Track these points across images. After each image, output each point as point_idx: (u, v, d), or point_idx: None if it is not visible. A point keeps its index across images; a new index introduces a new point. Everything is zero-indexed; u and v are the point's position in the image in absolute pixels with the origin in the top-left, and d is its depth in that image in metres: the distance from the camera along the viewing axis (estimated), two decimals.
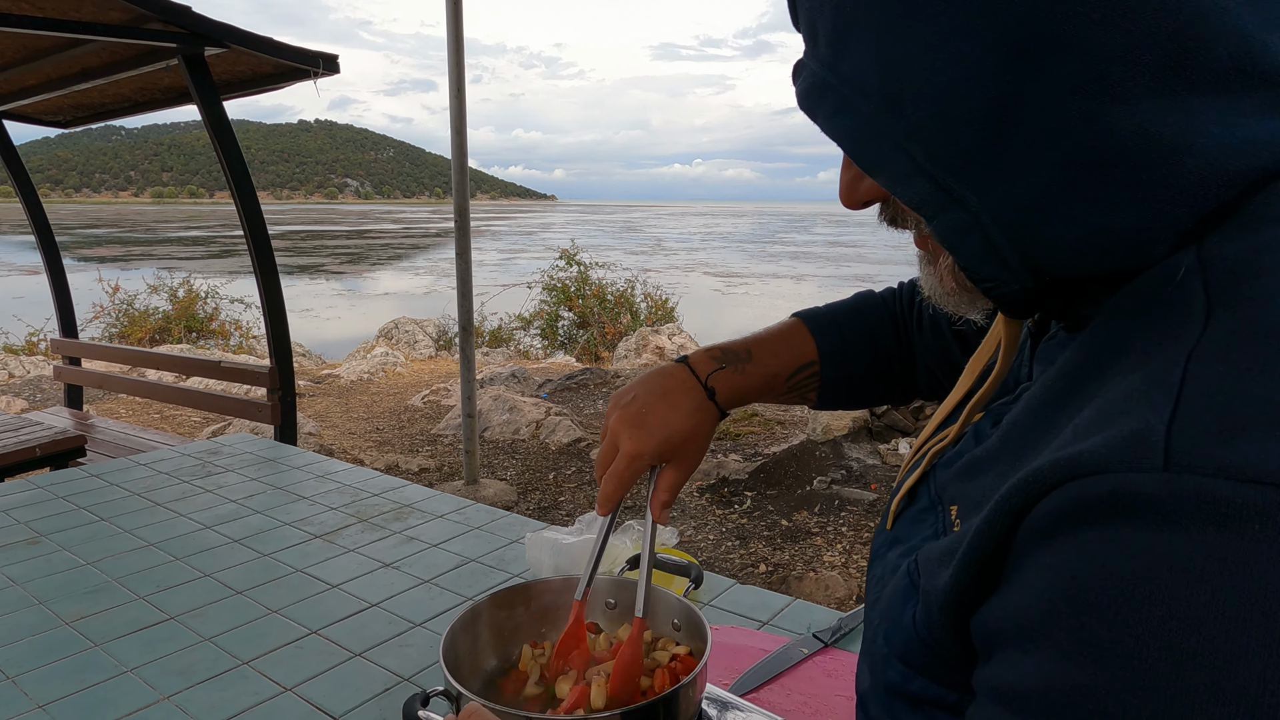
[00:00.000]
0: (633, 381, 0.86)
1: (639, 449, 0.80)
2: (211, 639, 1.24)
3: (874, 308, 0.91)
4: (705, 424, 0.82)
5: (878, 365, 0.89)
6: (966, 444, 0.55)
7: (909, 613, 0.48)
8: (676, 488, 0.82)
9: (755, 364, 0.85)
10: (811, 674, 1.15)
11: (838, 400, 0.90)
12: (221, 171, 3.51)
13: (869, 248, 47.28)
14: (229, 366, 3.71)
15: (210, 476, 2.00)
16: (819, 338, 0.87)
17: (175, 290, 11.28)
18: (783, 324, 0.90)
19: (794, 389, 0.87)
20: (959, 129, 0.41)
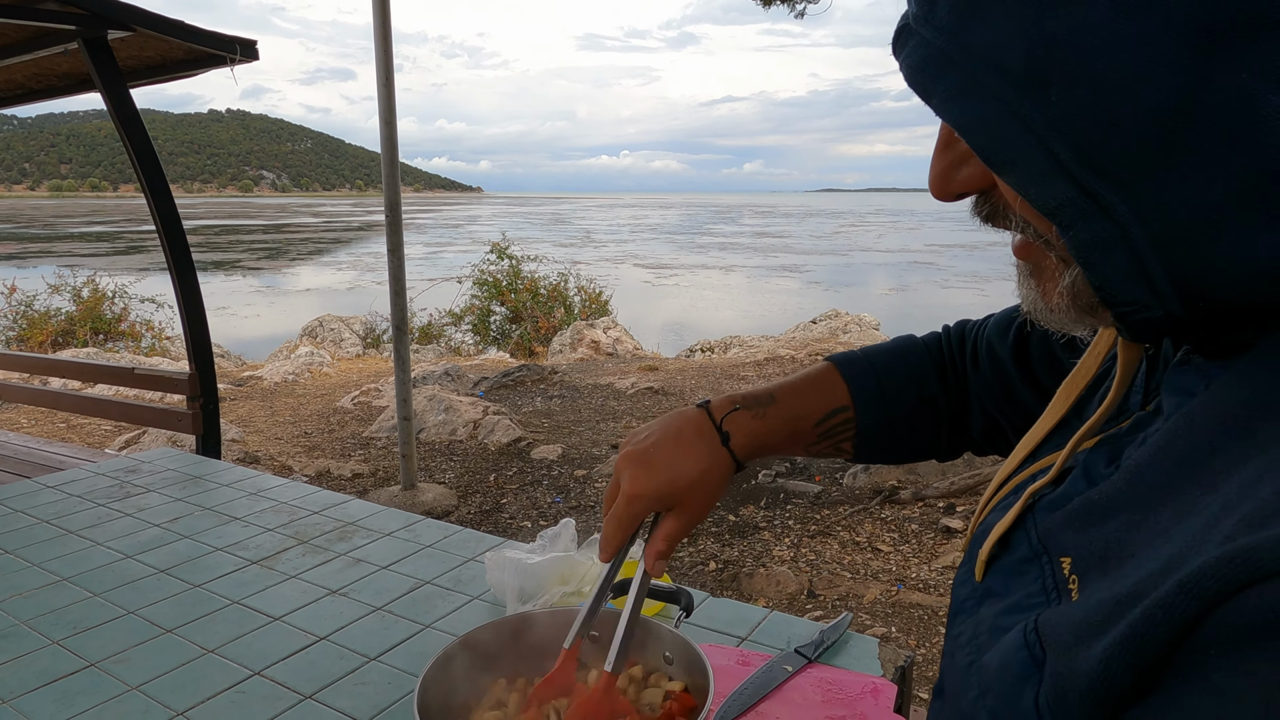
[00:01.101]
0: (652, 422, 0.80)
1: (639, 490, 0.74)
2: (139, 687, 1.12)
3: (916, 351, 0.84)
4: (715, 471, 0.75)
5: (921, 412, 0.82)
6: (1075, 484, 0.49)
7: (1029, 693, 0.42)
8: (675, 538, 0.76)
9: (779, 408, 0.78)
10: (799, 694, 1.10)
11: (877, 450, 0.83)
12: (129, 163, 3.27)
13: (795, 238, 48.10)
14: (144, 373, 3.47)
15: (129, 498, 1.84)
16: (851, 381, 0.81)
17: (79, 290, 10.63)
18: (812, 369, 0.84)
19: (825, 436, 0.80)
20: (1121, 124, 0.34)
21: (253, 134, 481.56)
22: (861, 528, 3.78)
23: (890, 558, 3.48)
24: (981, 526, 0.58)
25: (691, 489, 0.74)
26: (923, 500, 4.00)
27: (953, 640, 0.54)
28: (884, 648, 1.23)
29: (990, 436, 0.83)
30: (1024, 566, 0.49)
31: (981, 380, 0.81)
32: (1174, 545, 0.36)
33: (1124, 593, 0.36)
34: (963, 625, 0.53)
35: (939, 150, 0.45)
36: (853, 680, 1.13)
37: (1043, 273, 0.46)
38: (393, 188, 4.02)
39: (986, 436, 0.83)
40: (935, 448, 0.86)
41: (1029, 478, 0.55)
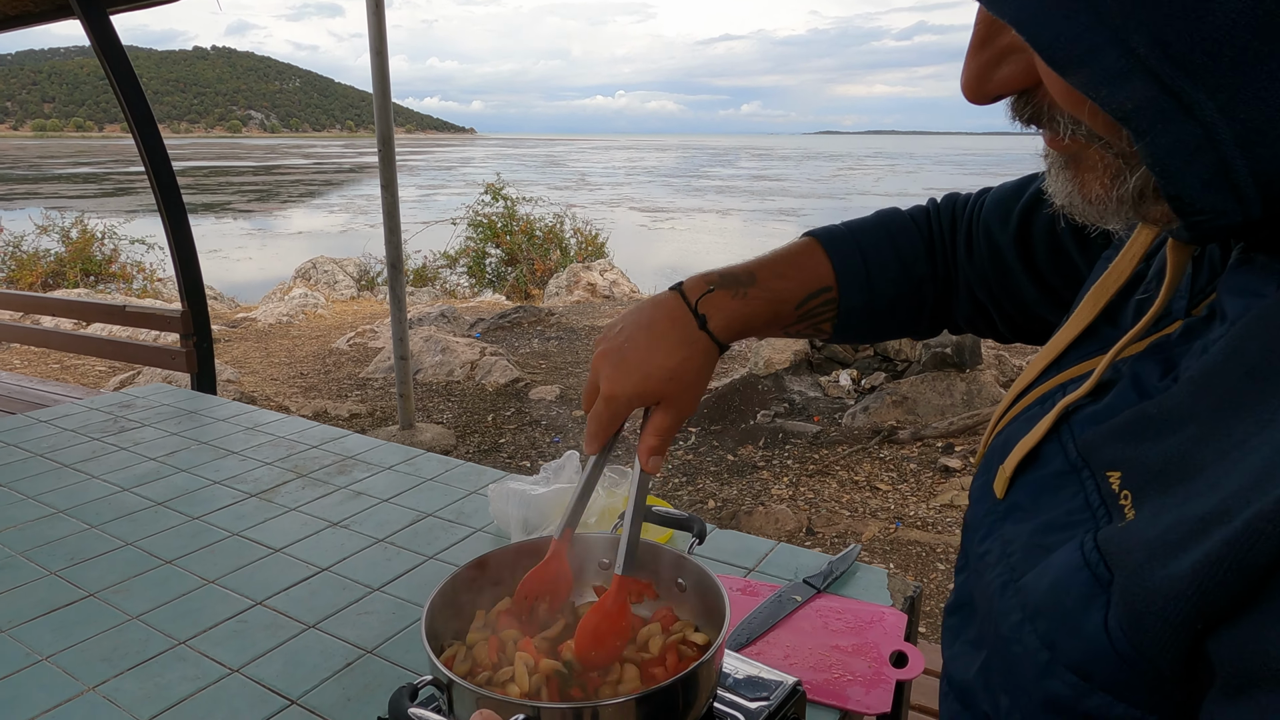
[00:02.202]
0: (624, 312, 0.75)
1: (615, 390, 0.70)
2: (139, 617, 1.10)
3: (904, 230, 0.79)
4: (695, 359, 0.71)
5: (906, 292, 0.77)
6: (1122, 396, 0.45)
7: (1094, 616, 0.39)
8: (667, 432, 0.72)
9: (759, 288, 0.73)
10: (807, 623, 1.09)
11: (856, 331, 0.79)
12: (114, 103, 3.16)
13: (792, 181, 47.55)
14: (135, 311, 3.41)
15: (124, 432, 1.81)
16: (836, 259, 0.76)
17: (67, 231, 10.46)
18: (793, 244, 0.78)
19: (805, 318, 0.76)
20: (1212, 9, 0.30)
21: (239, 72, 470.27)
22: (860, 467, 3.79)
23: (889, 496, 3.50)
24: (999, 439, 0.55)
25: (672, 381, 0.70)
26: (921, 440, 4.00)
27: (978, 559, 0.51)
28: (892, 578, 1.22)
29: (973, 322, 0.79)
30: (1059, 481, 0.46)
31: (974, 267, 0.76)
32: (1260, 457, 0.33)
33: (1209, 509, 0.33)
34: (988, 543, 0.50)
35: (974, 47, 0.41)
36: (862, 610, 1.12)
37: (1082, 164, 0.42)
38: (385, 121, 3.91)
39: (969, 321, 0.80)
40: (915, 329, 0.82)
41: (1056, 389, 0.52)
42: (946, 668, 0.54)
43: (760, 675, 0.86)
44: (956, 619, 0.54)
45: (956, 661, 0.52)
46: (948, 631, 0.55)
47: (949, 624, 0.55)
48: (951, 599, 0.56)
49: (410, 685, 0.64)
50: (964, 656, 0.51)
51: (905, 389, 4.33)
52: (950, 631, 0.55)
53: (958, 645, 0.53)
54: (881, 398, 4.33)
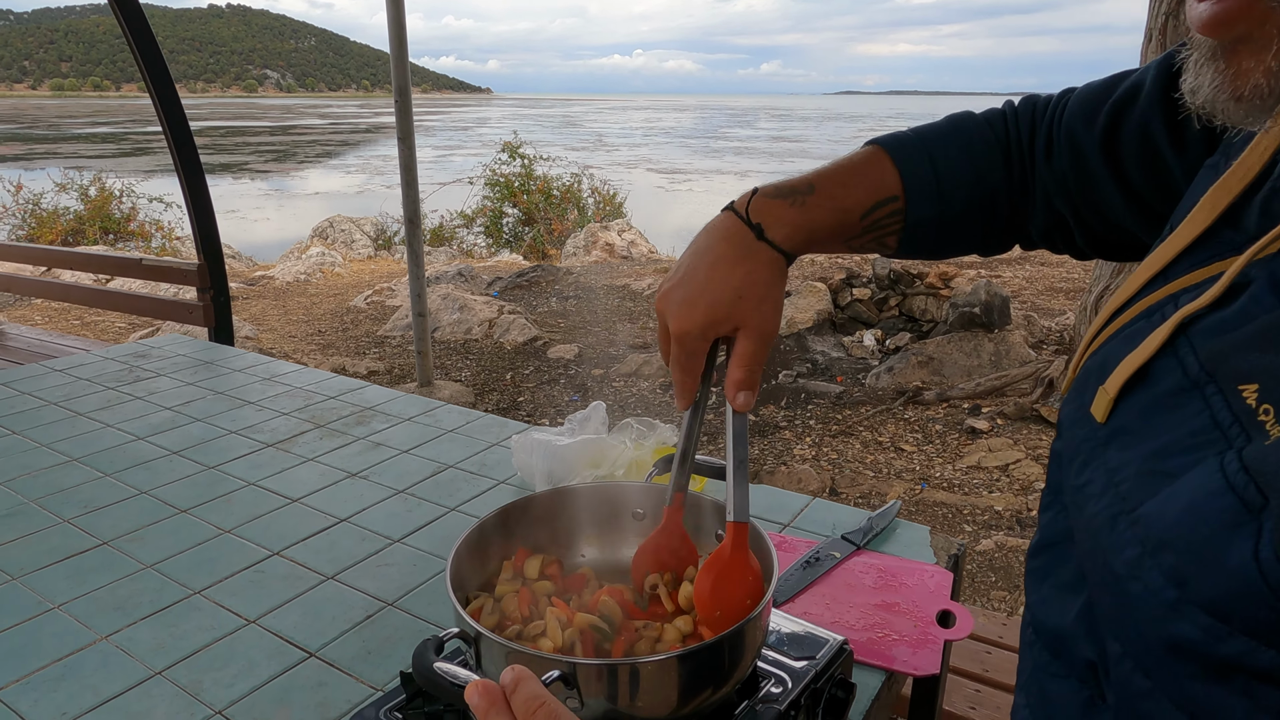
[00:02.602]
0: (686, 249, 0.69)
1: (685, 326, 0.64)
2: (154, 566, 1.07)
3: (978, 136, 0.71)
4: (759, 271, 0.64)
5: (979, 202, 0.70)
6: (1257, 300, 0.39)
7: (1241, 545, 0.33)
8: (753, 360, 0.65)
9: (820, 197, 0.66)
10: (847, 580, 1.03)
11: (923, 245, 0.72)
12: (131, 62, 3.09)
13: (812, 142, 46.85)
14: (151, 264, 3.38)
15: (139, 382, 1.78)
16: (903, 167, 0.69)
17: (86, 189, 10.45)
18: (855, 153, 0.71)
19: (870, 230, 0.69)
20: None
21: (254, 31, 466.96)
22: (884, 428, 3.72)
23: (914, 457, 3.44)
24: (1094, 360, 0.48)
25: (741, 300, 0.63)
26: (947, 401, 3.92)
27: (1075, 491, 0.45)
28: (935, 536, 1.16)
29: (1049, 235, 0.72)
30: (1176, 400, 0.40)
31: (1054, 174, 0.68)
32: None
33: None
34: (1088, 473, 0.44)
35: None
36: (906, 567, 1.06)
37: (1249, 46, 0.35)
38: (401, 72, 3.82)
39: (1045, 235, 0.72)
40: (985, 243, 0.75)
41: (1165, 300, 0.45)
42: (1032, 613, 0.48)
43: (805, 633, 0.81)
44: (1044, 559, 0.48)
45: (1046, 606, 0.46)
46: (1033, 575, 0.49)
47: (1034, 566, 0.49)
48: (1037, 539, 0.50)
49: (435, 638, 0.59)
50: (1056, 600, 0.45)
51: (931, 349, 4.24)
52: (1036, 574, 0.49)
53: (1046, 588, 0.47)
54: (906, 358, 4.24)
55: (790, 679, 0.73)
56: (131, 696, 0.84)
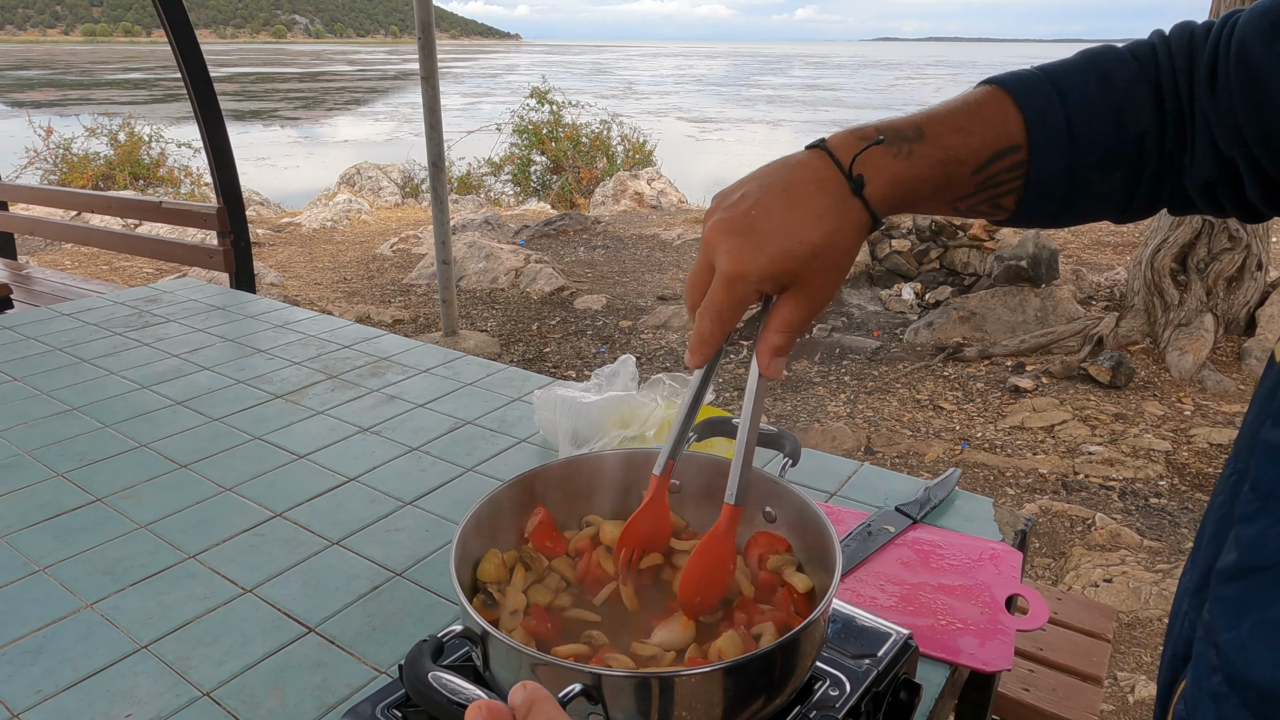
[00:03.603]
0: (744, 176, 0.56)
1: (741, 268, 0.52)
2: (148, 526, 0.99)
3: (1119, 66, 0.57)
4: (845, 232, 0.53)
5: (1120, 152, 0.57)
6: None
7: None
8: (797, 329, 0.55)
9: (929, 145, 0.54)
10: (904, 559, 0.93)
11: (1048, 206, 0.58)
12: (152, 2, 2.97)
13: (847, 91, 45.66)
14: (171, 207, 3.30)
15: (148, 328, 1.70)
16: (1028, 110, 0.56)
17: (115, 134, 10.42)
18: (970, 93, 0.58)
19: (985, 186, 0.56)
20: None
21: None
22: (923, 385, 3.58)
23: (954, 416, 3.30)
24: None
25: (815, 259, 0.53)
26: (989, 359, 3.77)
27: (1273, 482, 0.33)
28: (999, 509, 1.05)
29: (1211, 191, 0.57)
30: None
31: (1220, 107, 0.54)
32: None
33: None
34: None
35: None
36: (969, 545, 0.95)
37: None
38: (425, 7, 3.66)
39: (1205, 190, 0.57)
40: (1125, 205, 0.60)
41: None
42: (1224, 657, 0.37)
43: (862, 624, 0.71)
44: (1245, 587, 0.37)
45: (1248, 651, 0.35)
46: (1224, 605, 0.38)
47: (1229, 594, 0.38)
48: (1234, 559, 0.38)
49: (434, 638, 0.50)
50: (1266, 644, 0.34)
51: (973, 304, 4.07)
52: (1231, 605, 0.38)
53: (1248, 627, 0.36)
54: (947, 313, 4.08)
55: (848, 681, 0.63)
56: (113, 673, 0.76)
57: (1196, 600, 0.42)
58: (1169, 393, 3.42)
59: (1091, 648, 1.47)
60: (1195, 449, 2.97)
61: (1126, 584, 2.22)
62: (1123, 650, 2.03)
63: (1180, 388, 3.46)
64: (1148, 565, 2.30)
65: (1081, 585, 2.24)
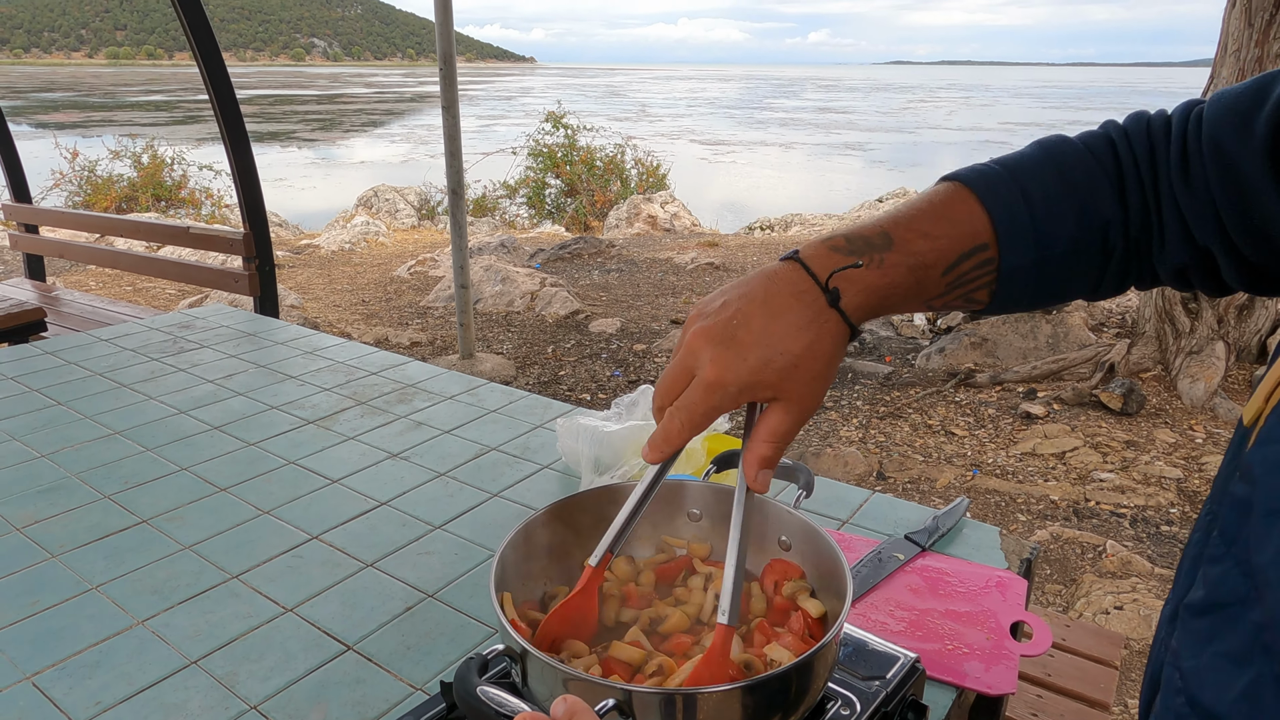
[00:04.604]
0: (724, 286, 0.59)
1: (723, 376, 0.55)
2: (192, 547, 1.04)
3: (1077, 159, 0.61)
4: (824, 343, 0.56)
5: (1086, 242, 0.60)
6: None
7: None
8: (783, 438, 0.57)
9: (899, 252, 0.57)
10: (913, 585, 0.97)
11: (1020, 297, 0.62)
12: (180, 27, 3.07)
13: (859, 114, 45.87)
14: (198, 233, 3.39)
15: (183, 353, 1.77)
16: (993, 208, 0.59)
17: (139, 156, 10.63)
18: (932, 192, 0.61)
19: (956, 285, 0.59)
20: None
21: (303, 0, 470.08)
22: (934, 410, 3.61)
23: (965, 442, 3.33)
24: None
25: (795, 369, 0.55)
26: (1001, 384, 3.80)
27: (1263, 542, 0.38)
28: (1006, 538, 1.09)
29: (1183, 273, 0.61)
30: None
31: (1196, 198, 0.57)
32: None
33: None
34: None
35: None
36: (975, 573, 0.99)
37: None
38: (446, 39, 3.76)
39: (1177, 273, 0.61)
40: (1095, 288, 0.64)
41: None
42: (1187, 683, 0.41)
43: (872, 647, 0.75)
44: (1211, 622, 0.41)
45: (1204, 679, 0.39)
46: (1192, 636, 0.43)
47: (1195, 627, 0.43)
48: (1202, 596, 0.43)
49: (480, 656, 0.55)
50: (1217, 673, 0.38)
51: (985, 330, 4.10)
52: (1198, 637, 0.42)
53: (1208, 656, 0.40)
54: (959, 339, 4.11)
55: (858, 701, 0.67)
56: (166, 687, 0.81)
57: (1170, 628, 0.47)
58: (1180, 420, 3.44)
59: (1100, 674, 1.50)
60: (1206, 477, 2.98)
61: (1137, 611, 2.23)
62: (1134, 678, 2.05)
63: (1192, 415, 3.47)
64: (1159, 593, 2.32)
65: (1092, 612, 2.26)
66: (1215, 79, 3.72)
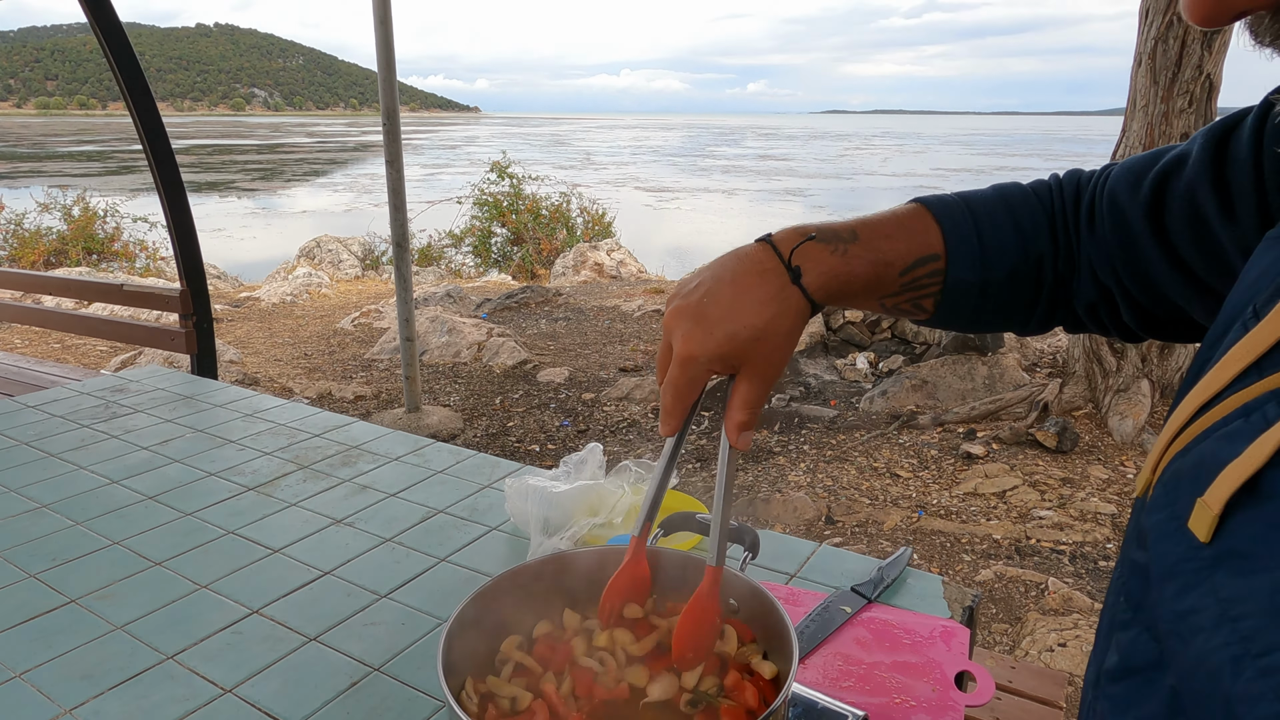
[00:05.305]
0: (699, 267, 0.66)
1: (693, 350, 0.61)
2: (124, 627, 1.00)
3: (1022, 199, 0.69)
4: (785, 316, 0.61)
5: (1023, 271, 0.68)
6: None
7: None
8: (756, 404, 0.63)
9: (862, 246, 0.64)
10: (861, 639, 0.98)
11: (962, 311, 0.69)
12: (113, 78, 3.04)
13: (799, 160, 47.18)
14: (133, 290, 3.31)
15: (116, 419, 1.71)
16: (947, 226, 0.66)
17: (69, 209, 10.35)
18: (898, 208, 0.69)
19: (909, 288, 0.66)
20: None
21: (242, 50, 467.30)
22: (879, 453, 3.68)
23: (910, 484, 3.39)
24: (1185, 461, 0.43)
25: (759, 342, 0.61)
26: (942, 425, 3.89)
27: (1174, 618, 0.39)
28: (948, 587, 1.11)
29: (1094, 312, 0.69)
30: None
31: (1098, 243, 0.67)
32: None
33: None
34: (1193, 598, 0.38)
35: None
36: (920, 623, 1.01)
37: None
38: (390, 95, 3.78)
39: (1090, 311, 0.69)
40: (1026, 318, 0.71)
41: (1266, 397, 0.40)
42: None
43: (822, 706, 0.76)
44: (1127, 688, 0.43)
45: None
46: (1111, 702, 0.44)
47: (1114, 693, 0.44)
48: (1116, 662, 0.44)
49: None
50: None
51: (924, 372, 4.21)
52: (1116, 703, 0.44)
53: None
54: (900, 381, 4.21)
55: None
56: None
57: (1095, 692, 0.48)
58: (1112, 456, 3.57)
59: (1045, 715, 1.52)
60: None
61: (1080, 648, 2.28)
62: (1074, 715, 2.08)
63: (1123, 451, 3.60)
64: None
65: (1038, 650, 2.30)
66: (1126, 132, 3.94)
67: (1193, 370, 0.50)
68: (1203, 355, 0.50)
